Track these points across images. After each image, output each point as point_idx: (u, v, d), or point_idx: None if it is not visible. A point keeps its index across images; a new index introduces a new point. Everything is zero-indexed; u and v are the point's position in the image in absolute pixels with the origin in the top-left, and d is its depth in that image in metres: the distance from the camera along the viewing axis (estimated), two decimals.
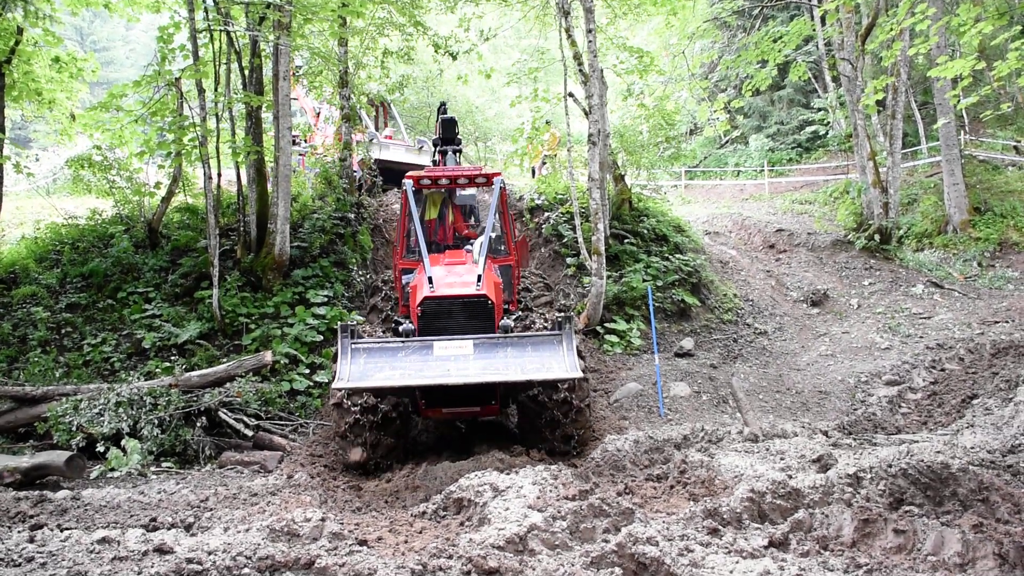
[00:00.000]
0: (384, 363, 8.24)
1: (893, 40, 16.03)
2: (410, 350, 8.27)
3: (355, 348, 8.31)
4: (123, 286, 14.37)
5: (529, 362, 8.54)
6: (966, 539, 5.48)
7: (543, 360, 8.56)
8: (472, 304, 9.33)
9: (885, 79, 19.83)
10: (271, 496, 8.34)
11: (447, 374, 8.26)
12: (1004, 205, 27.29)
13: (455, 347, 8.36)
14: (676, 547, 5.55)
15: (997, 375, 12.69)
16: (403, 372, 8.15)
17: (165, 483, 9.16)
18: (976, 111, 30.54)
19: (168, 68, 13.90)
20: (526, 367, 8.49)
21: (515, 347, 8.64)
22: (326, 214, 16.59)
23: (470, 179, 11.56)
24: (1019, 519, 6.12)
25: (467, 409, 9.84)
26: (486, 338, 8.71)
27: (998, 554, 5.27)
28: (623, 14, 24.15)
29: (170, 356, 12.91)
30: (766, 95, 39.40)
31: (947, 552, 5.42)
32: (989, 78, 14.93)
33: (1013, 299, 20.58)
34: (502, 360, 8.46)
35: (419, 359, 8.26)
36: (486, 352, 8.51)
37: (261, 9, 13.34)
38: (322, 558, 5.54)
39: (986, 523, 5.87)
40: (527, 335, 8.93)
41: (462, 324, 9.21)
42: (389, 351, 8.29)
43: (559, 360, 8.57)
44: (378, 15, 18.72)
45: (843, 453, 8.92)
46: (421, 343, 8.45)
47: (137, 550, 5.55)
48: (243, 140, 14.77)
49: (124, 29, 67.55)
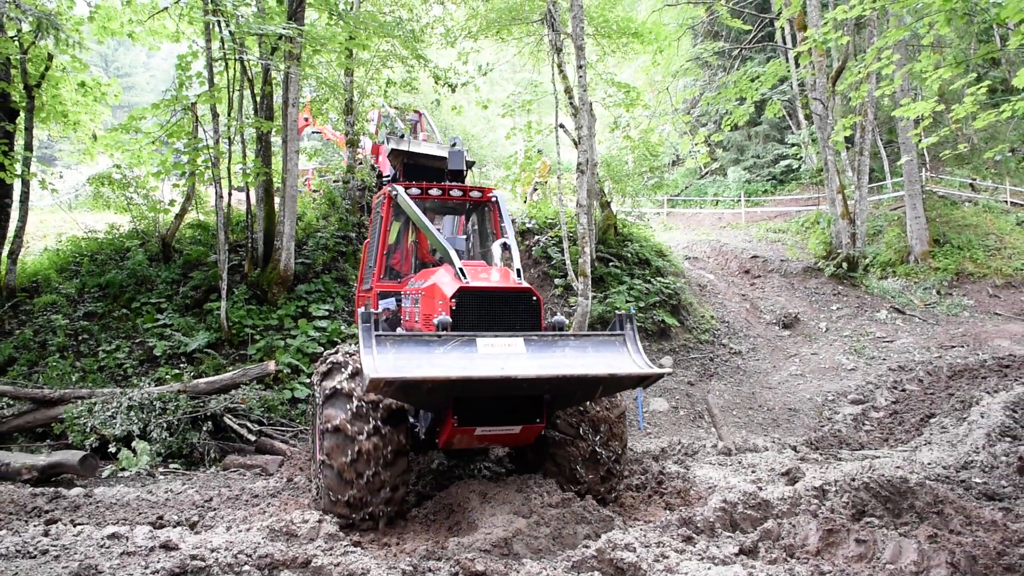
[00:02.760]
0: (419, 357, 6.09)
1: (861, 82, 16.19)
2: (449, 345, 6.27)
3: (380, 338, 6.11)
4: (137, 297, 14.35)
5: (593, 362, 6.62)
6: (922, 549, 5.50)
7: (608, 361, 6.68)
8: (515, 299, 7.32)
9: (853, 118, 19.98)
10: (271, 498, 8.32)
11: (503, 369, 6.17)
12: (961, 238, 27.56)
13: (503, 344, 6.41)
14: (652, 553, 5.56)
15: (953, 396, 12.77)
16: (447, 368, 6.04)
17: (172, 483, 9.14)
18: (936, 150, 30.81)
19: (185, 94, 13.97)
20: (594, 366, 6.55)
21: (573, 346, 6.71)
22: (329, 233, 16.62)
23: (464, 192, 9.63)
24: (970, 530, 6.15)
25: (506, 430, 7.14)
26: (538, 335, 6.68)
27: (951, 563, 5.29)
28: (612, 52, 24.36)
29: (179, 363, 12.90)
30: (744, 130, 39.66)
31: (904, 561, 5.44)
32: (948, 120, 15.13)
33: (968, 326, 20.71)
34: (560, 360, 6.52)
35: (461, 355, 6.21)
36: (540, 350, 6.53)
37: (274, 40, 13.39)
38: (318, 558, 5.53)
39: (940, 534, 5.89)
40: (585, 334, 7.07)
41: (502, 323, 7.12)
42: (423, 344, 6.20)
43: (626, 360, 6.74)
44: (382, 48, 18.80)
45: (810, 467, 8.95)
46: (461, 338, 6.35)
47: (144, 546, 5.53)
48: (253, 162, 14.83)
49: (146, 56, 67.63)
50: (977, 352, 16.80)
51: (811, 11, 22.90)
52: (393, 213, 9.59)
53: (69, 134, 17.78)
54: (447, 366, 6.09)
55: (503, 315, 7.18)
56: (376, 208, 9.93)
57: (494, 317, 7.12)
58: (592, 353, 6.73)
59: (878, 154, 34.18)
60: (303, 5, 14.79)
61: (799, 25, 23.60)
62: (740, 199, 37.42)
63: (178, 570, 5.05)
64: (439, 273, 7.76)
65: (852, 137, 25.38)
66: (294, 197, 14.66)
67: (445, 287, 7.25)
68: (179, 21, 15.24)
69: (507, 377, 6.07)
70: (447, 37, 22.14)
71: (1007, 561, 5.35)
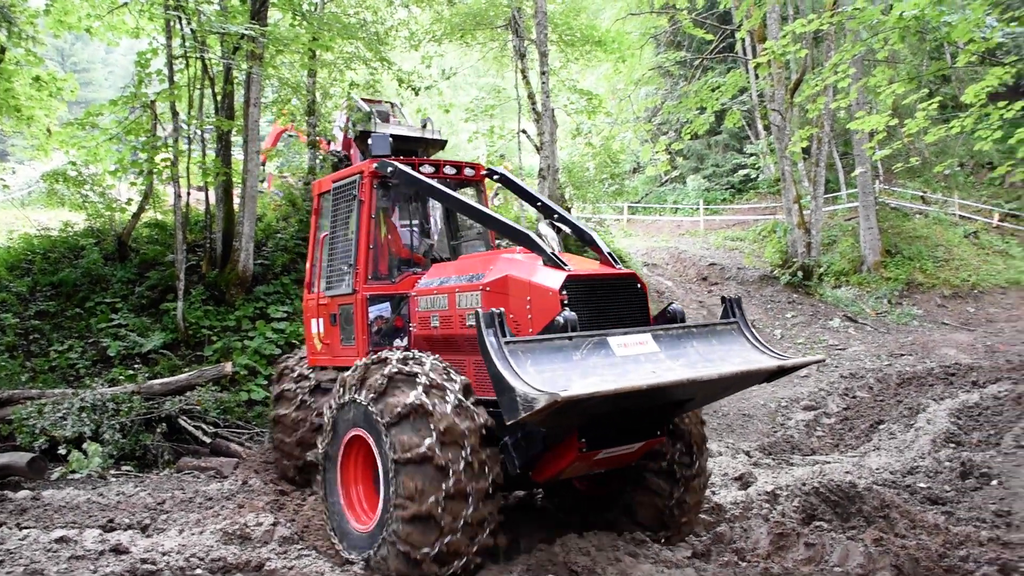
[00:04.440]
0: (560, 367, 5.03)
1: (818, 95, 16.44)
2: (584, 349, 5.24)
3: (512, 346, 4.99)
4: (91, 296, 14.08)
5: (729, 356, 5.78)
6: (868, 552, 5.60)
7: (741, 354, 5.87)
8: (624, 287, 6.16)
9: (810, 129, 20.31)
10: (226, 501, 8.23)
11: (661, 375, 5.17)
12: (912, 249, 28.15)
13: (635, 343, 5.47)
14: (607, 556, 5.59)
15: (901, 403, 13.02)
16: (601, 378, 4.97)
17: (124, 486, 8.99)
18: (889, 163, 31.39)
19: (144, 91, 13.75)
20: (736, 361, 5.71)
21: (699, 340, 5.86)
22: (289, 234, 16.47)
23: (458, 169, 8.21)
24: (914, 534, 6.28)
25: (626, 450, 5.96)
26: (663, 329, 5.75)
27: (895, 565, 5.39)
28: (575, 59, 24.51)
29: (134, 364, 12.68)
30: (704, 139, 40.05)
31: (851, 564, 5.54)
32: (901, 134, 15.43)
33: (917, 334, 21.14)
34: (698, 357, 5.65)
35: (600, 360, 5.21)
36: (672, 347, 5.64)
37: (236, 39, 13.25)
38: (272, 561, 5.49)
39: (886, 537, 6.01)
40: (704, 324, 6.09)
41: (611, 317, 5.92)
42: (555, 349, 5.13)
43: (756, 351, 5.94)
44: (346, 50, 18.70)
45: (763, 472, 9.07)
46: (591, 340, 5.32)
47: (94, 550, 5.45)
48: (213, 162, 14.65)
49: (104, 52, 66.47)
50: (925, 360, 17.14)
51: (771, 24, 23.22)
52: (379, 195, 7.88)
53: (23, 129, 17.41)
54: (605, 374, 5.03)
55: (612, 307, 6.01)
56: (339, 192, 8.08)
57: (603, 310, 5.93)
58: (719, 346, 5.90)
59: (834, 165, 34.74)
60: (266, 5, 14.65)
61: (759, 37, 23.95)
62: (699, 207, 37.80)
63: (128, 574, 4.98)
64: (504, 262, 6.36)
65: (809, 148, 25.78)
66: (254, 197, 14.52)
67: (543, 277, 5.87)
68: (139, 17, 14.99)
69: (690, 380, 5.10)
70: (411, 40, 22.12)
71: (947, 563, 5.48)
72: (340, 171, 8.39)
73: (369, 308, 7.44)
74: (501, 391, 4.74)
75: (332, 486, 6.15)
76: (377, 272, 7.71)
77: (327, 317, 8.04)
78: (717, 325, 6.12)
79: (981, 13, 10.39)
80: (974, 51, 11.63)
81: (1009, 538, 6.17)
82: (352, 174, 7.89)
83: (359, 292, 7.46)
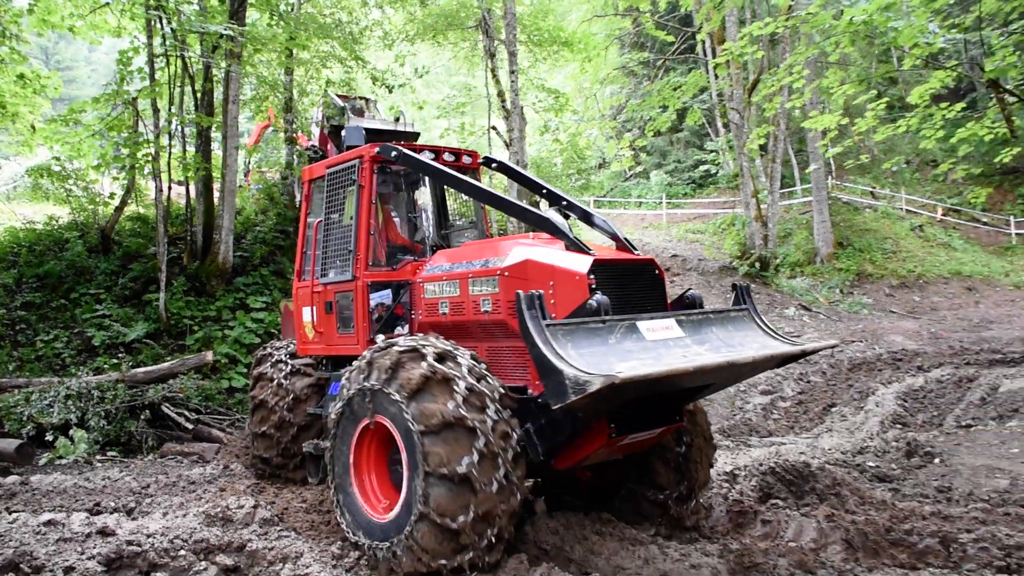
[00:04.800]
0: (598, 350, 4.75)
1: (774, 95, 16.61)
2: (618, 333, 4.96)
3: (551, 329, 4.73)
4: (76, 287, 13.93)
5: (746, 342, 5.53)
6: (820, 527, 5.71)
7: (757, 340, 5.61)
8: (644, 272, 5.89)
9: (767, 128, 20.51)
10: (208, 484, 8.20)
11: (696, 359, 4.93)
12: (862, 241, 28.58)
13: (661, 327, 5.23)
14: (574, 535, 5.64)
15: (852, 387, 13.23)
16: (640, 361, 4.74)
17: (109, 471, 8.92)
18: (841, 159, 31.74)
19: (126, 88, 13.59)
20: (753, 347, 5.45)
21: (717, 325, 5.62)
22: (267, 227, 16.38)
23: (456, 156, 7.84)
24: (864, 510, 6.41)
25: (648, 435, 5.76)
26: (685, 315, 5.51)
27: (845, 540, 5.51)
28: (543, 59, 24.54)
29: (118, 353, 12.58)
30: (666, 136, 40.23)
31: (805, 539, 5.64)
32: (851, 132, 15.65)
33: (867, 322, 21.46)
34: (718, 342, 5.41)
35: (633, 344, 4.96)
36: (695, 332, 5.40)
37: (215, 38, 13.13)
38: (253, 542, 5.48)
39: (837, 513, 6.12)
40: (718, 310, 5.82)
41: (632, 302, 5.60)
42: (592, 332, 4.87)
43: (769, 338, 5.69)
44: (322, 48, 18.60)
45: (722, 453, 9.16)
46: (623, 324, 5.04)
47: (81, 532, 5.41)
48: (193, 157, 14.54)
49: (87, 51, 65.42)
50: (874, 347, 17.39)
51: (730, 26, 23.37)
52: (380, 181, 7.49)
53: (7, 125, 17.11)
54: (642, 358, 4.79)
55: (634, 292, 5.69)
56: (335, 178, 7.59)
57: (626, 295, 5.58)
58: (736, 332, 5.63)
59: (789, 162, 35.05)
60: (244, 5, 14.55)
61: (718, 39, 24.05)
62: (662, 201, 37.98)
63: (114, 555, 4.95)
64: (522, 247, 5.93)
65: (766, 145, 26.03)
66: (233, 192, 14.47)
67: (569, 262, 5.52)
68: (121, 16, 14.79)
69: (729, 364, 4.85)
70: (385, 40, 22.02)
71: (894, 536, 5.59)
72: (336, 156, 7.98)
73: (370, 295, 7.00)
74: (547, 374, 4.44)
75: (343, 474, 5.64)
76: (376, 259, 7.27)
77: (321, 305, 7.54)
78: (731, 311, 5.84)
79: (924, 20, 10.54)
80: (918, 55, 11.79)
81: (949, 512, 6.31)
82: (350, 159, 7.37)
83: (359, 279, 7.02)
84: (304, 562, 5.20)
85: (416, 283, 6.81)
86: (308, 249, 8.03)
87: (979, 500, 6.79)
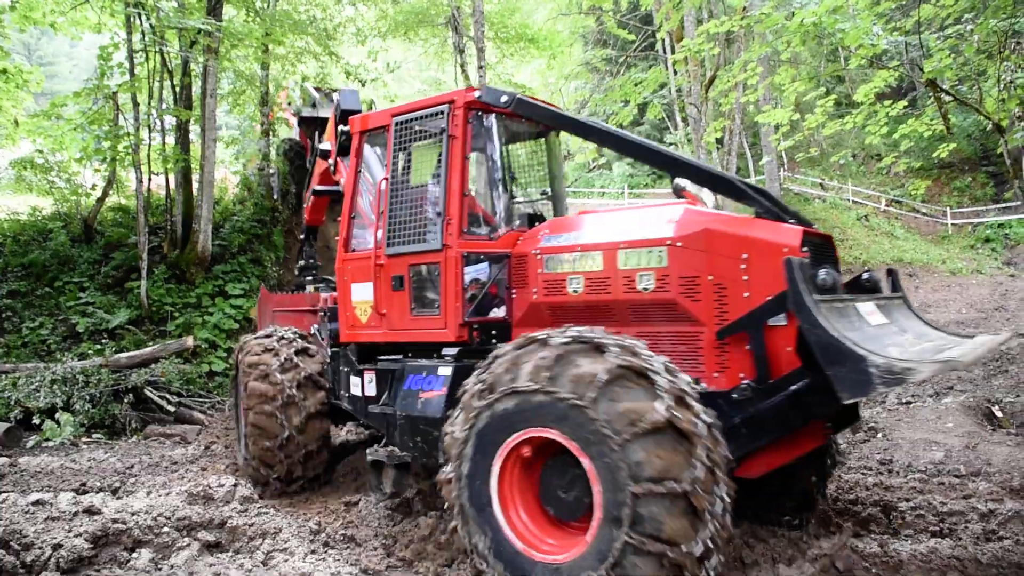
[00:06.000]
0: (857, 335, 3.91)
1: (730, 90, 16.74)
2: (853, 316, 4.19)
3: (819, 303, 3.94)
4: (60, 276, 13.77)
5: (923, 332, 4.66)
6: None
7: (921, 327, 4.76)
8: (831, 249, 5.00)
9: (723, 122, 20.67)
10: (190, 464, 8.23)
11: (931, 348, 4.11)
12: None
13: (868, 312, 4.37)
14: None
15: None
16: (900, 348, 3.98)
17: (95, 452, 8.92)
18: (793, 153, 32.18)
19: (106, 83, 13.46)
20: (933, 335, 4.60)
21: (897, 311, 4.79)
22: (245, 217, 16.28)
23: None
24: None
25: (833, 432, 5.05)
26: (880, 299, 4.69)
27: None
28: (510, 55, 24.50)
29: (101, 339, 12.50)
30: (628, 130, 40.30)
31: None
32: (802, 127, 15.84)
33: None
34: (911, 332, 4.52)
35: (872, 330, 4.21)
36: (897, 317, 4.65)
37: (193, 34, 13.03)
38: (233, 519, 5.53)
39: None
40: (890, 297, 4.93)
41: None
42: (841, 315, 4.05)
43: (927, 328, 4.81)
44: (297, 44, 18.42)
45: None
46: (851, 304, 4.27)
47: (68, 511, 5.42)
48: (172, 149, 14.42)
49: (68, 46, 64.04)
50: None
51: (688, 25, 23.47)
52: (474, 134, 5.95)
53: None
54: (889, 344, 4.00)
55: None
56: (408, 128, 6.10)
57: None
58: (908, 321, 4.77)
59: (744, 154, 35.39)
60: (221, 1, 14.41)
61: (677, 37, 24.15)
62: (624, 191, 38.17)
63: (100, 533, 4.98)
64: (694, 215, 4.92)
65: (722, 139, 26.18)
66: (211, 182, 14.41)
67: (771, 232, 4.46)
68: (101, 13, 14.56)
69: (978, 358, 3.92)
70: (358, 36, 21.86)
71: (840, 506, 5.77)
72: (409, 103, 6.41)
73: (466, 270, 5.64)
74: (838, 361, 3.65)
75: (481, 503, 4.30)
76: (469, 226, 5.86)
77: (386, 280, 6.04)
78: (893, 299, 4.96)
79: (869, 23, 10.72)
80: (863, 56, 11.97)
81: (890, 482, 6.54)
82: (436, 104, 5.95)
83: (452, 248, 5.62)
84: (283, 537, 5.27)
85: (529, 255, 5.48)
86: (360, 215, 6.65)
87: (917, 471, 7.03)
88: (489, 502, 4.26)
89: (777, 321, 4.21)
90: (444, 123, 5.78)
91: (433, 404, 5.41)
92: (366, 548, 5.39)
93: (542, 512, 4.31)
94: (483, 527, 4.27)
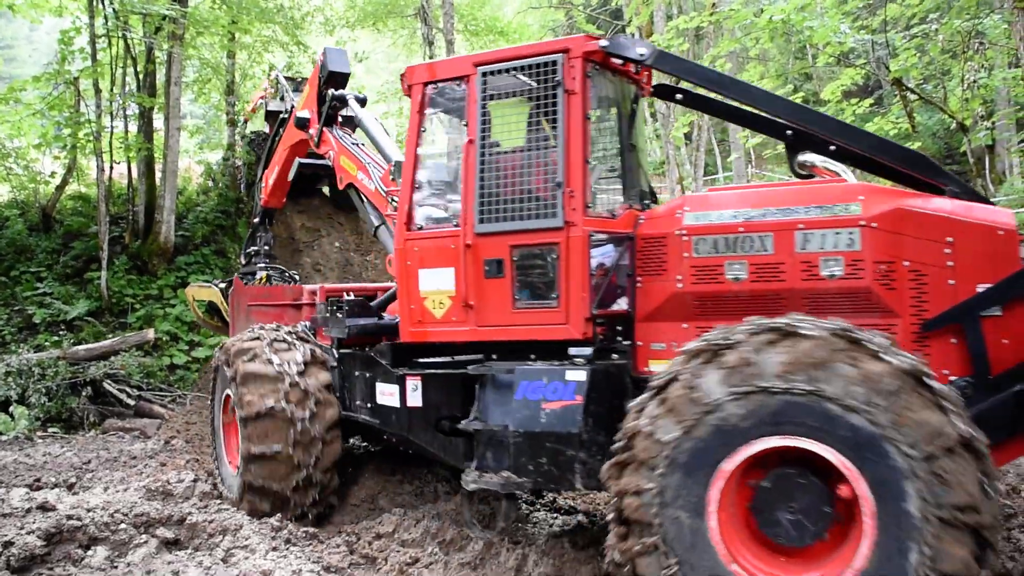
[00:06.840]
0: None
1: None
2: None
3: None
4: (16, 265, 13.47)
5: None
6: None
7: None
8: None
9: (691, 117, 20.76)
10: (149, 459, 8.08)
11: None
12: None
13: None
14: None
15: None
16: None
17: (50, 447, 8.73)
18: (760, 149, 32.38)
19: (67, 68, 13.20)
20: None
21: None
22: (209, 208, 16.03)
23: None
24: None
25: None
26: None
27: None
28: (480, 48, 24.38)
29: (59, 331, 12.23)
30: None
31: None
32: None
33: None
34: None
35: None
36: None
37: (158, 20, 12.81)
38: (193, 515, 5.42)
39: None
40: None
41: None
42: None
43: None
44: (264, 33, 18.19)
45: None
46: None
47: (20, 507, 5.28)
48: (135, 138, 14.16)
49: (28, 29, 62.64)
50: None
51: (658, 21, 23.48)
52: (596, 88, 5.10)
53: None
54: None
55: None
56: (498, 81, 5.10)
57: None
58: None
59: (712, 150, 35.56)
60: None
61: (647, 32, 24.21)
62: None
63: (54, 530, 4.84)
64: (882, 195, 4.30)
65: (690, 134, 26.36)
66: (175, 172, 14.19)
67: (979, 213, 4.04)
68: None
69: None
70: (327, 25, 21.68)
71: None
72: (496, 51, 5.57)
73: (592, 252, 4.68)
74: None
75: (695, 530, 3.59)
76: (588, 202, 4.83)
77: (476, 265, 4.97)
78: None
79: (836, 21, 10.82)
80: (831, 54, 12.11)
81: None
82: (543, 52, 4.90)
83: (577, 225, 4.64)
84: (243, 534, 5.18)
85: (670, 237, 4.65)
86: (425, 186, 5.57)
87: None
88: (703, 531, 3.56)
89: (991, 312, 3.81)
90: (559, 76, 4.77)
91: (565, 417, 4.48)
92: (328, 545, 5.30)
93: (755, 538, 3.68)
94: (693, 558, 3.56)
